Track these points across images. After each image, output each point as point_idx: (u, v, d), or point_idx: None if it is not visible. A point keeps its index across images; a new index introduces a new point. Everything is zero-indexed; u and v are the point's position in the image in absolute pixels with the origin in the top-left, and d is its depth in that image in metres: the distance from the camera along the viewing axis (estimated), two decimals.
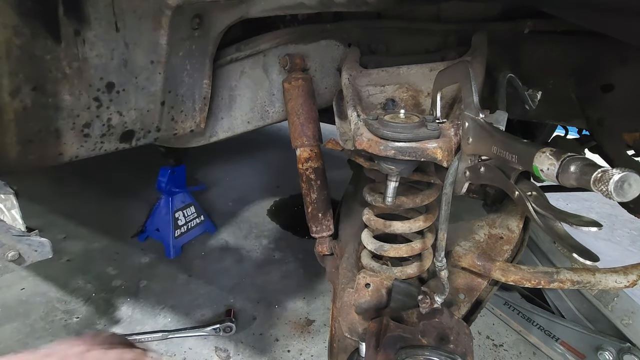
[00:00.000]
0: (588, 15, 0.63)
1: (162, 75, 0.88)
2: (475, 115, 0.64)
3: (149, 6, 0.79)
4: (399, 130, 0.71)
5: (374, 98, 0.97)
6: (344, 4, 0.88)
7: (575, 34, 0.94)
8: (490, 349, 1.74)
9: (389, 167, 0.79)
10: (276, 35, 1.07)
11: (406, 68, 0.99)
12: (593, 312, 1.59)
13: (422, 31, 1.06)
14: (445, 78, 0.75)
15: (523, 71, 0.83)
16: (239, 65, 1.07)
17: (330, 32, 1.10)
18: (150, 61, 0.86)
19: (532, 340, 1.69)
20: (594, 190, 0.39)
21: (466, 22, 1.02)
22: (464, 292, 1.04)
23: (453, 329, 0.93)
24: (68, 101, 0.80)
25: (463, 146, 0.69)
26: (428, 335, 0.92)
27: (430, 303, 0.91)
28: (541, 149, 0.46)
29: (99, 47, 0.79)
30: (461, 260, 1.03)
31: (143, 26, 0.81)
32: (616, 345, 1.47)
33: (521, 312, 1.74)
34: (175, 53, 0.88)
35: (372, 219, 1.01)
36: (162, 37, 0.83)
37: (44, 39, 0.73)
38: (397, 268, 1.03)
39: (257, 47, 1.07)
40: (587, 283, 0.86)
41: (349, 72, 0.98)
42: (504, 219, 1.10)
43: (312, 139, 1.09)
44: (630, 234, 3.06)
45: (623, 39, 0.69)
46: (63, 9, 0.72)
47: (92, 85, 0.82)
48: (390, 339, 0.94)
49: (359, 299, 1.01)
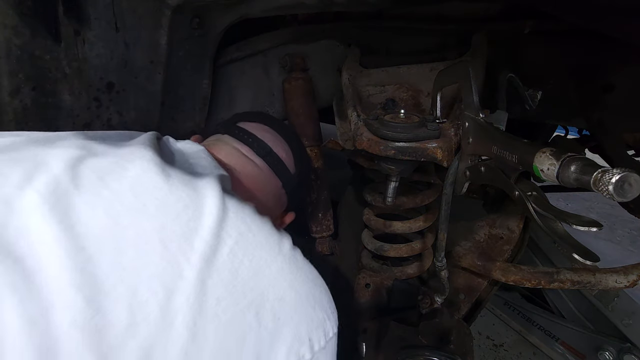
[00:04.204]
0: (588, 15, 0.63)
1: (162, 75, 0.88)
2: (476, 115, 0.64)
3: (149, 6, 0.79)
4: (399, 130, 0.71)
5: (374, 98, 0.97)
6: (344, 4, 0.88)
7: (575, 34, 0.94)
8: (490, 349, 1.74)
9: (389, 167, 0.79)
10: (276, 35, 1.07)
11: (406, 68, 0.99)
12: (593, 312, 1.59)
13: (422, 31, 1.06)
14: (445, 78, 0.75)
15: (523, 71, 0.83)
16: (239, 65, 1.07)
17: (330, 32, 1.10)
18: (150, 61, 0.85)
19: (532, 340, 1.69)
20: (594, 190, 0.39)
21: (466, 22, 1.02)
22: (464, 292, 1.05)
23: (453, 329, 0.93)
24: (68, 101, 0.80)
25: (463, 146, 0.69)
26: (428, 335, 0.92)
27: (430, 303, 0.91)
28: (541, 149, 0.46)
29: (99, 47, 0.79)
30: (461, 260, 1.03)
31: (143, 26, 0.81)
32: (616, 346, 1.46)
33: (521, 312, 1.74)
34: (175, 53, 0.88)
35: (372, 219, 1.01)
36: (162, 37, 0.83)
37: (44, 39, 0.73)
38: (397, 268, 1.03)
39: (257, 47, 1.07)
40: (587, 283, 0.86)
41: (349, 72, 0.98)
42: (504, 219, 1.10)
43: (312, 139, 1.09)
44: (631, 234, 3.06)
45: (623, 39, 0.69)
46: (63, 9, 0.72)
47: (92, 85, 0.82)
48: (390, 339, 0.94)
49: (359, 299, 1.01)
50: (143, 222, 0.45)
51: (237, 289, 0.46)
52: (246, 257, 0.48)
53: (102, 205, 0.45)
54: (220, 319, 0.44)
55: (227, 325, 0.44)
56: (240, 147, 0.77)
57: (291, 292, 0.50)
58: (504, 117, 0.74)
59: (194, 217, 0.47)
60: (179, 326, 0.42)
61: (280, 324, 0.48)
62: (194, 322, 0.42)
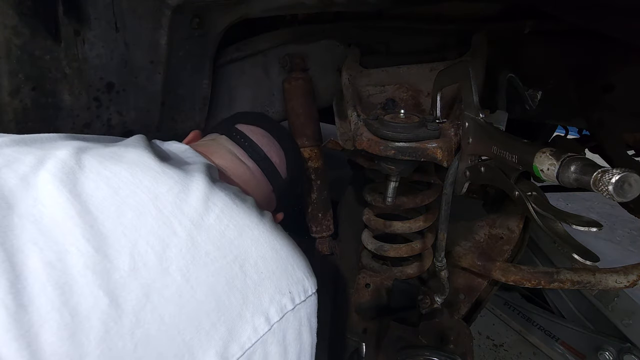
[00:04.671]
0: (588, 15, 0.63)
1: (162, 75, 0.88)
2: (476, 115, 0.64)
3: (149, 6, 0.79)
4: (399, 130, 0.71)
5: (374, 98, 0.97)
6: (344, 4, 0.88)
7: (575, 34, 0.94)
8: (490, 349, 1.74)
9: (389, 167, 0.79)
10: (276, 35, 1.07)
11: (406, 68, 0.99)
12: (593, 312, 1.59)
13: (422, 31, 1.06)
14: (445, 78, 0.75)
15: (523, 71, 0.83)
16: (239, 65, 1.07)
17: (330, 32, 1.10)
18: (150, 61, 0.85)
19: (532, 340, 1.69)
20: (594, 190, 0.39)
21: (466, 22, 1.02)
22: (464, 292, 1.04)
23: (453, 329, 0.93)
24: (68, 101, 0.80)
25: (463, 146, 0.69)
26: (428, 335, 0.92)
27: (430, 303, 0.91)
28: (541, 149, 0.46)
29: (99, 47, 0.79)
30: (461, 260, 1.03)
31: (143, 26, 0.81)
32: (616, 346, 1.46)
33: (521, 312, 1.74)
34: (175, 53, 0.88)
35: (372, 219, 1.01)
36: (162, 37, 0.83)
37: (44, 39, 0.73)
38: (397, 268, 1.03)
39: (257, 47, 1.07)
40: (587, 283, 0.86)
41: (349, 72, 0.98)
42: (504, 219, 1.10)
43: (312, 139, 1.09)
44: (631, 234, 3.06)
45: (623, 39, 0.69)
46: (63, 9, 0.72)
47: (92, 85, 0.82)
48: (390, 339, 0.94)
49: (359, 299, 1.01)
50: (139, 193, 0.53)
51: (224, 246, 0.53)
52: (231, 222, 0.55)
53: (103, 181, 0.53)
54: (209, 268, 0.51)
55: (216, 272, 0.51)
56: (235, 149, 0.81)
57: (272, 252, 0.56)
58: (504, 117, 0.74)
59: (183, 190, 0.55)
60: (173, 272, 0.49)
61: (263, 277, 0.54)
62: (187, 269, 0.50)
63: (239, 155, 0.80)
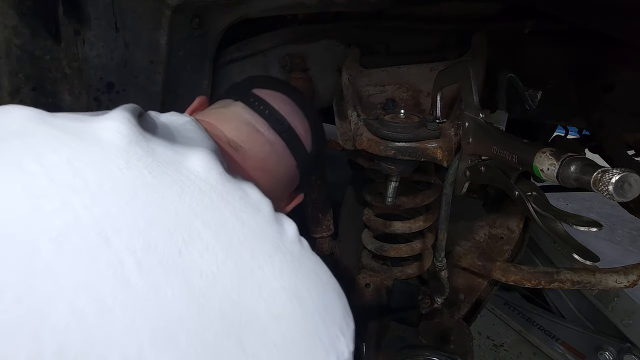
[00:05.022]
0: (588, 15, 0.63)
1: (162, 75, 0.88)
2: (476, 115, 0.64)
3: (149, 6, 0.79)
4: (399, 130, 0.71)
5: (374, 98, 0.97)
6: (344, 4, 0.88)
7: (575, 34, 0.94)
8: (490, 349, 1.74)
9: (389, 167, 0.79)
10: (276, 35, 1.07)
11: (406, 68, 0.99)
12: (593, 312, 1.59)
13: (422, 31, 1.06)
14: (445, 78, 0.75)
15: (523, 71, 0.83)
16: (239, 65, 1.07)
17: (330, 32, 1.10)
18: (150, 61, 0.85)
19: (532, 340, 1.69)
20: (594, 190, 0.39)
21: (466, 22, 1.02)
22: (464, 292, 1.04)
23: (453, 329, 0.93)
24: (68, 101, 0.80)
25: (463, 146, 0.69)
26: (428, 335, 0.92)
27: (430, 303, 0.91)
28: (541, 149, 0.46)
29: (99, 47, 0.79)
30: (461, 260, 1.03)
31: (143, 26, 0.81)
32: (616, 346, 1.46)
33: (521, 312, 1.74)
34: (175, 53, 0.88)
35: (372, 219, 1.01)
36: (162, 37, 0.83)
37: (44, 39, 0.73)
38: (397, 268, 1.03)
39: (257, 47, 1.07)
40: (587, 283, 0.86)
41: (349, 72, 0.98)
42: (504, 219, 1.10)
43: None
44: (631, 234, 3.06)
45: (623, 39, 0.69)
46: (63, 9, 0.72)
47: (92, 85, 0.82)
48: (390, 339, 0.94)
49: (359, 299, 1.01)
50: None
51: (211, 305, 0.34)
52: (229, 259, 0.36)
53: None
54: (181, 346, 0.31)
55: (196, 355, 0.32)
56: (254, 119, 0.67)
57: (292, 306, 0.37)
58: (504, 117, 0.74)
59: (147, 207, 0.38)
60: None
61: (276, 354, 0.35)
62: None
63: (258, 126, 0.67)
